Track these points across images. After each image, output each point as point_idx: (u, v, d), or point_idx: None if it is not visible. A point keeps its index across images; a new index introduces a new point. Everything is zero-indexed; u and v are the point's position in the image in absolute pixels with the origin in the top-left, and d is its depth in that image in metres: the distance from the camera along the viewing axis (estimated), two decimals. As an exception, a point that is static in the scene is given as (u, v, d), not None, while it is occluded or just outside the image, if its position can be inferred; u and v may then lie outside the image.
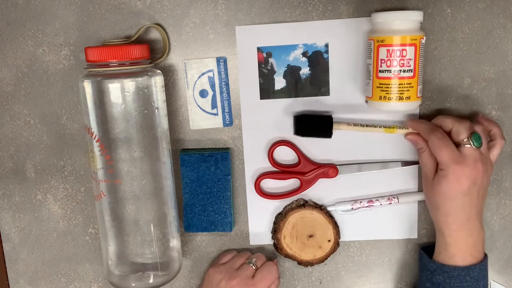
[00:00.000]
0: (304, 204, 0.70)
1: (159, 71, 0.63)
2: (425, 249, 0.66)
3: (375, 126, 0.66)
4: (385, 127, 0.66)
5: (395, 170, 0.69)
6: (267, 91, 0.68)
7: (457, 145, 0.59)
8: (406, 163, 0.69)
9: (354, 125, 0.66)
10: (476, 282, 0.61)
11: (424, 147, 0.62)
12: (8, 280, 0.76)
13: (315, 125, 0.67)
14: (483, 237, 0.62)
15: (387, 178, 0.69)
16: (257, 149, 0.69)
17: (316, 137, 0.67)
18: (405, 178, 0.69)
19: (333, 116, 0.67)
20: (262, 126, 0.69)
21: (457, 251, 0.61)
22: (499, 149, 0.63)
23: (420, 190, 0.69)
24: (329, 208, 0.70)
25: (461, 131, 0.59)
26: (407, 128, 0.65)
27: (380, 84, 0.61)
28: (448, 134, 0.61)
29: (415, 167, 0.69)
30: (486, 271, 0.62)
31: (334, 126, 0.66)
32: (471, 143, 0.59)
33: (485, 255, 0.62)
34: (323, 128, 0.66)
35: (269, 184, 0.71)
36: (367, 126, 0.66)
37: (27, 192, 0.73)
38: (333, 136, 0.67)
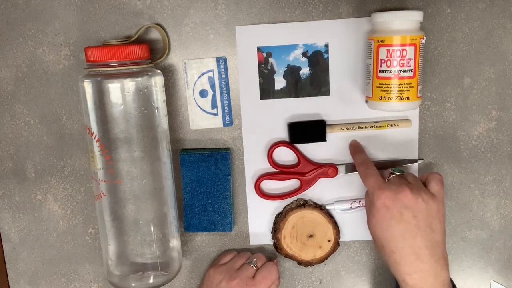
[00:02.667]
0: (304, 204, 0.70)
1: (159, 71, 0.63)
2: None
3: (366, 127, 0.67)
4: (376, 125, 0.67)
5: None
6: (267, 91, 0.68)
7: (386, 178, 0.61)
8: (406, 162, 0.69)
9: (347, 128, 0.67)
10: None
11: None
12: (8, 280, 0.76)
13: (309, 131, 0.67)
14: (445, 279, 0.56)
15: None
16: (257, 149, 0.69)
17: (311, 142, 0.68)
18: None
19: (332, 116, 0.67)
20: (262, 126, 0.69)
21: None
22: (436, 182, 0.59)
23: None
24: (328, 207, 0.70)
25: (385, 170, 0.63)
26: (397, 125, 0.66)
27: (380, 84, 0.61)
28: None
29: (415, 165, 0.69)
30: None
31: (328, 130, 0.67)
32: (393, 172, 0.61)
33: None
34: (317, 134, 0.67)
35: (269, 185, 0.71)
36: (359, 128, 0.67)
37: (27, 192, 0.73)
38: (332, 136, 0.68)
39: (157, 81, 0.62)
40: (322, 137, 0.67)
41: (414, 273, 0.55)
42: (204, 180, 0.69)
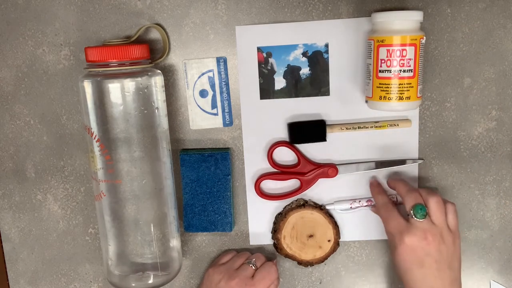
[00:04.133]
0: (304, 204, 0.70)
1: (159, 71, 0.63)
2: None
3: (366, 127, 0.66)
4: (376, 125, 0.67)
5: (395, 169, 0.69)
6: (267, 91, 0.68)
7: (406, 215, 0.60)
8: (406, 162, 0.69)
9: (347, 128, 0.67)
10: None
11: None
12: (8, 280, 0.76)
13: (309, 131, 0.67)
14: None
15: (387, 177, 0.69)
16: (257, 149, 0.69)
17: (311, 142, 0.68)
18: (405, 177, 0.69)
19: (332, 116, 0.67)
20: (262, 126, 0.69)
21: None
22: (454, 214, 0.61)
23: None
24: (328, 207, 0.70)
25: (406, 202, 0.60)
26: (397, 125, 0.66)
27: (380, 84, 0.61)
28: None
29: (414, 165, 0.69)
30: None
31: (328, 130, 0.67)
32: (413, 215, 0.59)
33: None
34: (317, 134, 0.67)
35: (269, 185, 0.71)
36: (359, 128, 0.67)
37: (27, 192, 0.73)
38: (332, 136, 0.68)
39: (157, 81, 0.62)
40: (322, 137, 0.67)
41: None
42: (204, 180, 0.69)
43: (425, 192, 0.61)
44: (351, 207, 0.70)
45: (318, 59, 0.66)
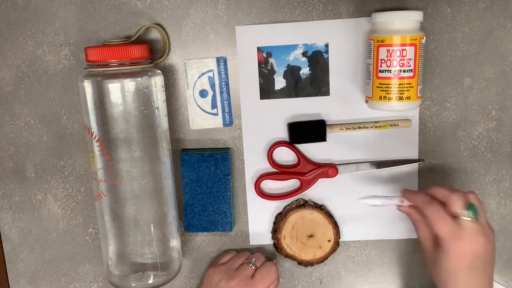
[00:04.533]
0: (304, 204, 0.70)
1: (159, 71, 0.63)
2: None
3: (366, 127, 0.66)
4: (376, 125, 0.67)
5: (395, 168, 0.69)
6: (267, 91, 0.68)
7: (454, 216, 0.57)
8: (407, 162, 0.69)
9: (347, 128, 0.67)
10: None
11: (419, 219, 0.60)
12: (8, 280, 0.76)
13: (309, 131, 0.67)
14: None
15: (387, 177, 0.69)
16: (257, 149, 0.69)
17: (311, 142, 0.68)
18: (406, 176, 0.69)
19: (332, 116, 0.67)
20: (262, 126, 0.69)
21: None
22: (483, 210, 0.59)
23: (420, 187, 0.70)
24: (362, 201, 0.65)
25: (455, 202, 0.57)
26: (397, 125, 0.66)
27: (380, 84, 0.61)
28: (443, 205, 0.58)
29: (415, 165, 0.69)
30: None
31: (328, 130, 0.67)
32: (469, 215, 0.56)
33: None
34: (317, 134, 0.67)
35: (269, 185, 0.71)
36: (359, 128, 0.67)
37: (27, 192, 0.73)
38: (332, 136, 0.68)
39: (157, 81, 0.62)
40: (322, 137, 0.67)
41: None
42: (204, 180, 0.69)
43: (460, 191, 0.59)
44: (383, 205, 0.65)
45: (318, 59, 0.66)
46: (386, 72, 0.60)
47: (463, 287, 0.56)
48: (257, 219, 0.72)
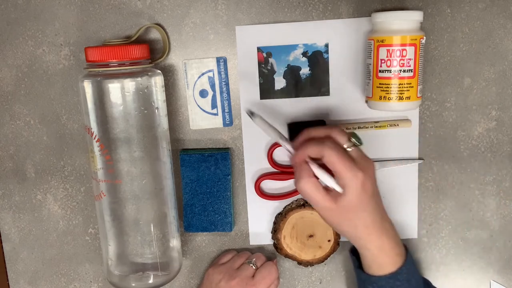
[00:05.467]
0: (304, 204, 0.70)
1: (159, 71, 0.63)
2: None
3: (366, 127, 0.66)
4: (376, 125, 0.67)
5: (395, 168, 0.69)
6: (267, 91, 0.68)
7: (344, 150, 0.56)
8: (406, 162, 0.69)
9: (347, 128, 0.67)
10: (407, 283, 0.59)
11: (306, 168, 0.56)
12: (8, 280, 0.76)
13: None
14: (395, 230, 0.60)
15: (387, 177, 0.69)
16: (257, 149, 0.69)
17: None
18: (406, 176, 0.69)
19: (332, 116, 0.67)
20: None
21: (385, 258, 0.58)
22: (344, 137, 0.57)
23: (420, 187, 0.69)
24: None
25: (341, 136, 0.56)
26: (397, 125, 0.66)
27: (380, 84, 0.61)
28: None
29: (414, 165, 0.69)
30: (413, 266, 0.60)
31: None
32: (355, 143, 0.56)
33: (406, 249, 0.61)
34: None
35: (269, 185, 0.71)
36: (359, 128, 0.67)
37: (27, 192, 0.73)
38: (333, 136, 0.68)
39: (157, 81, 0.62)
40: None
41: (382, 235, 0.58)
42: (204, 180, 0.69)
43: (338, 127, 0.58)
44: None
45: (318, 59, 0.66)
46: (386, 72, 0.60)
47: (372, 218, 0.56)
48: (257, 219, 0.72)
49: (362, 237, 0.58)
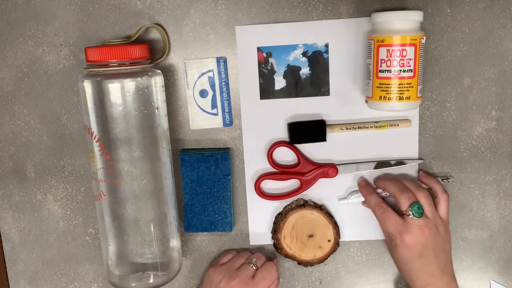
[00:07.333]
0: (304, 204, 0.70)
1: (159, 71, 0.63)
2: None
3: (366, 127, 0.67)
4: (376, 126, 0.67)
5: (395, 169, 0.69)
6: (267, 91, 0.68)
7: (402, 214, 0.63)
8: (406, 162, 0.69)
9: (347, 128, 0.67)
10: None
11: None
12: (8, 280, 0.76)
13: (309, 131, 0.67)
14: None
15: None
16: (257, 149, 0.69)
17: (311, 142, 0.68)
18: (405, 176, 0.69)
19: (332, 116, 0.67)
20: (262, 126, 0.69)
21: None
22: (444, 204, 0.65)
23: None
24: (341, 202, 0.70)
25: (402, 203, 0.63)
26: (397, 125, 0.66)
27: (380, 84, 0.61)
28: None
29: (414, 165, 0.69)
30: None
31: (328, 130, 0.67)
32: (412, 214, 0.62)
33: None
34: (317, 133, 0.67)
35: (269, 185, 0.71)
36: (359, 128, 0.67)
37: (27, 192, 0.73)
38: (332, 136, 0.68)
39: (157, 81, 0.62)
40: (322, 137, 0.67)
41: (427, 286, 0.63)
42: (204, 180, 0.69)
43: (414, 188, 0.64)
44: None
45: (318, 59, 0.66)
46: (386, 72, 0.60)
47: (416, 274, 0.63)
48: (257, 219, 0.72)
49: (405, 279, 0.66)
